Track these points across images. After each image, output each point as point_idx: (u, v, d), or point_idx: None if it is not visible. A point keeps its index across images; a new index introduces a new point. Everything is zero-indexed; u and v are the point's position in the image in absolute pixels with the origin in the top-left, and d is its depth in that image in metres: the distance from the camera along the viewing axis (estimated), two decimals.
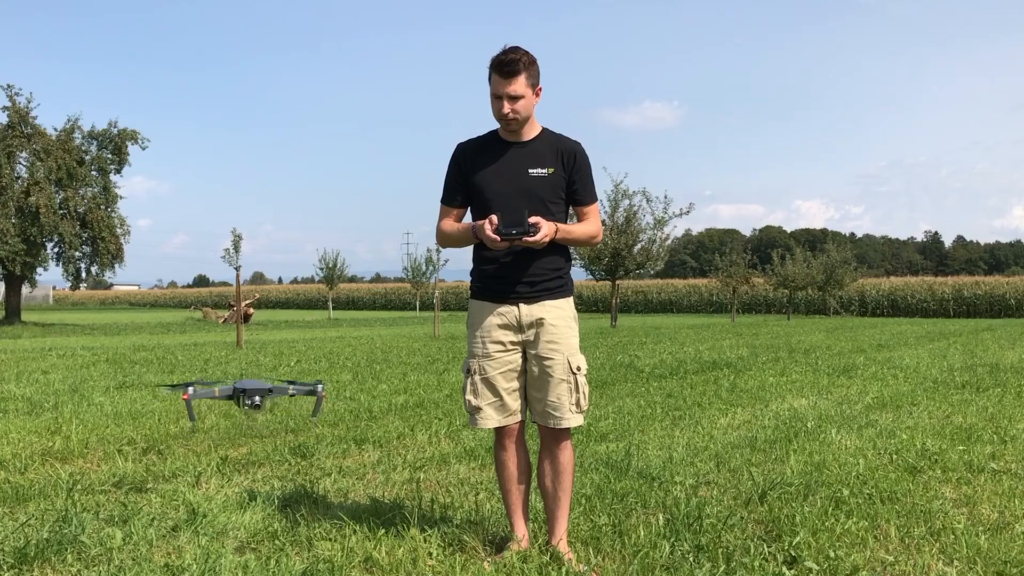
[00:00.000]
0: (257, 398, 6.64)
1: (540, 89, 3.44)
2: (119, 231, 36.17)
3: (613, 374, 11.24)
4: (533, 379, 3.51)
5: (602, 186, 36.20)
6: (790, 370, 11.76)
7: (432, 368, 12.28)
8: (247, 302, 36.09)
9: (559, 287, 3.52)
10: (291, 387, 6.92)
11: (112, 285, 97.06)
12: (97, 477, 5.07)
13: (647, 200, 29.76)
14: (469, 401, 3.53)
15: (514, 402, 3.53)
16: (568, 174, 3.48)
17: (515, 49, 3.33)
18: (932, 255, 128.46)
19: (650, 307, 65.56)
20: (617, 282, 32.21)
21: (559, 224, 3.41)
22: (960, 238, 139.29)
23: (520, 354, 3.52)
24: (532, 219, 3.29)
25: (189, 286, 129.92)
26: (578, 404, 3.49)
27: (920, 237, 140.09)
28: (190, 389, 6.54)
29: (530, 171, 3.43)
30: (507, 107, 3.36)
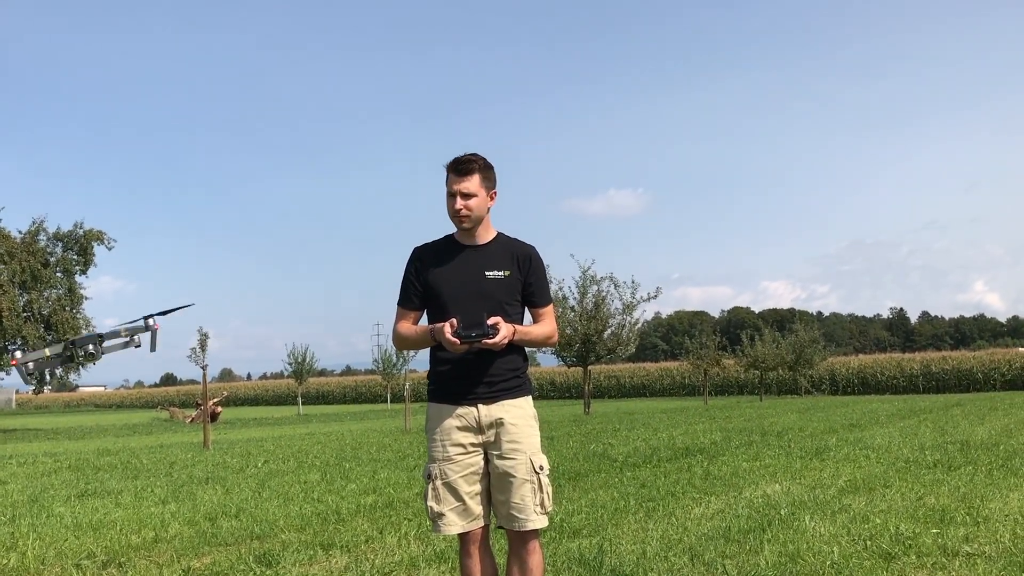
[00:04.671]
0: (91, 347, 7.02)
1: (495, 193, 3.53)
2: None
3: (586, 464, 11.13)
4: (496, 481, 3.47)
5: (570, 272, 36.43)
6: (763, 454, 11.71)
7: (403, 464, 12.10)
8: (215, 400, 35.55)
9: (517, 386, 3.52)
10: (123, 328, 7.24)
11: (77, 387, 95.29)
12: None
13: (615, 285, 30.00)
14: (431, 508, 3.48)
15: (477, 506, 3.48)
16: (524, 276, 3.53)
17: (473, 154, 3.48)
18: (899, 331, 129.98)
19: (623, 391, 65.43)
20: (589, 368, 32.19)
21: (516, 326, 3.44)
22: (925, 314, 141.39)
23: (481, 456, 3.49)
24: (491, 320, 3.31)
25: (156, 385, 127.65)
26: (543, 505, 3.45)
27: (886, 314, 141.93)
28: (17, 354, 6.88)
29: (487, 273, 3.48)
30: (460, 203, 3.44)
